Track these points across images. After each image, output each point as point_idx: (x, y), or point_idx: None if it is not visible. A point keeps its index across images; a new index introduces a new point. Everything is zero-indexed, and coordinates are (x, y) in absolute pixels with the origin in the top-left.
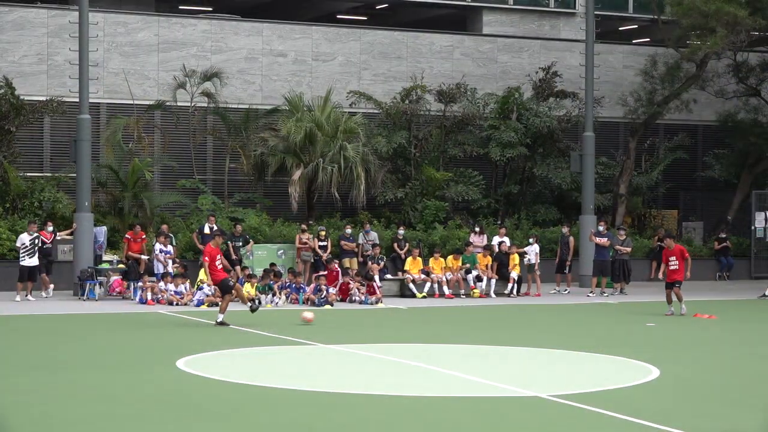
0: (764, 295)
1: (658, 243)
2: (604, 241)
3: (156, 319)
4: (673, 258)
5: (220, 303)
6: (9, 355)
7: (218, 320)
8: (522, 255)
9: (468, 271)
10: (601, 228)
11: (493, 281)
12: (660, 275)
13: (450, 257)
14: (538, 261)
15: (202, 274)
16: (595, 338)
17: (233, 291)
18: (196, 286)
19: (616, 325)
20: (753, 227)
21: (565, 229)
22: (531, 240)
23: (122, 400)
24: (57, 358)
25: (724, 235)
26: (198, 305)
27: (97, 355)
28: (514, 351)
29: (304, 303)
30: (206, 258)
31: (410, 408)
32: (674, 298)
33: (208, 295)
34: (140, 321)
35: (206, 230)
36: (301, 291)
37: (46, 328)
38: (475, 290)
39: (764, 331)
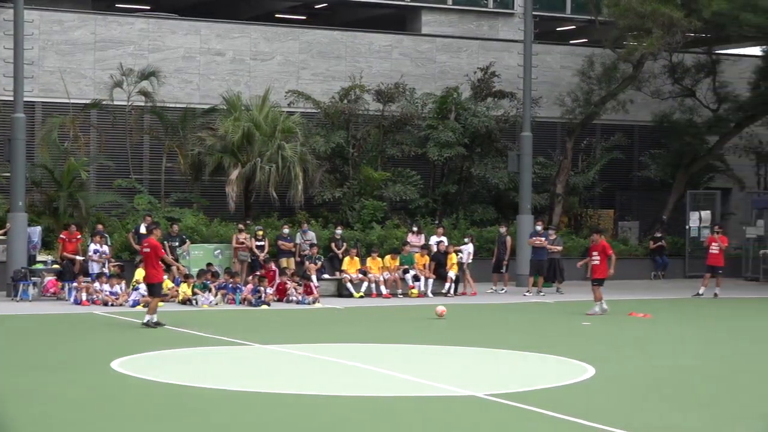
0: (698, 294)
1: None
2: (541, 241)
3: (91, 320)
4: (596, 253)
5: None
6: None
7: (145, 321)
8: (457, 254)
9: (406, 271)
10: (538, 228)
11: (431, 281)
12: (579, 265)
13: (387, 257)
14: (470, 261)
15: (138, 275)
16: (531, 337)
17: (154, 299)
18: (131, 287)
19: (553, 325)
20: (687, 227)
21: (502, 229)
22: (466, 239)
23: (56, 402)
24: None
25: (659, 235)
26: (133, 306)
27: (30, 356)
28: (452, 350)
29: (241, 303)
30: (146, 249)
31: (344, 408)
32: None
33: (143, 296)
34: (75, 322)
35: (142, 230)
36: (238, 291)
37: None
38: (413, 290)
39: (698, 330)
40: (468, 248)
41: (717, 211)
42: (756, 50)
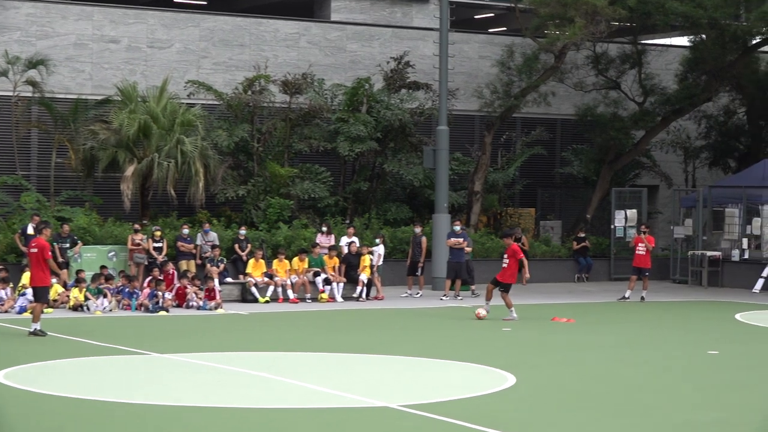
0: (624, 298)
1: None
2: (458, 241)
3: None
4: (506, 257)
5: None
6: None
7: (32, 329)
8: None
9: (317, 274)
10: (456, 228)
11: (341, 285)
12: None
13: (295, 259)
14: (380, 263)
15: (24, 279)
16: (448, 344)
17: (39, 305)
18: (17, 292)
19: (470, 330)
20: (612, 226)
21: (417, 229)
22: (377, 240)
23: None
24: None
25: (582, 235)
26: (20, 312)
27: None
28: (363, 358)
29: (137, 309)
30: (34, 249)
31: (249, 421)
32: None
33: (31, 302)
34: None
35: (30, 231)
36: (134, 296)
37: None
38: (323, 294)
39: (623, 335)
40: (378, 249)
41: (643, 210)
42: (683, 40)
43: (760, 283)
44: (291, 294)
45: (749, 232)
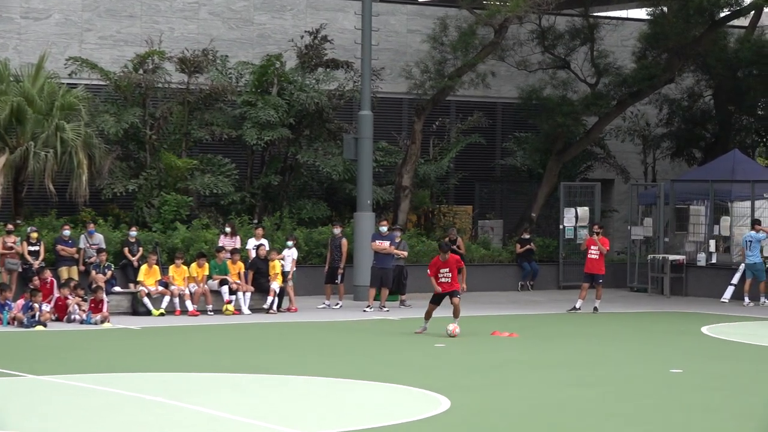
0: (574, 309)
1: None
2: (384, 245)
3: None
4: (446, 270)
5: None
6: None
7: None
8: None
9: (224, 282)
10: (382, 228)
11: (249, 294)
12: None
13: (193, 265)
14: (293, 269)
15: None
16: (372, 363)
17: None
18: None
19: (399, 347)
20: (561, 226)
21: (336, 230)
22: (289, 243)
23: None
24: None
25: (527, 236)
26: None
27: None
28: (275, 380)
29: (9, 324)
30: None
31: None
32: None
33: None
34: None
35: None
36: (6, 308)
37: None
38: (228, 305)
39: (573, 352)
40: (291, 254)
41: (596, 208)
42: (641, 13)
43: (729, 291)
44: (190, 305)
45: (717, 233)
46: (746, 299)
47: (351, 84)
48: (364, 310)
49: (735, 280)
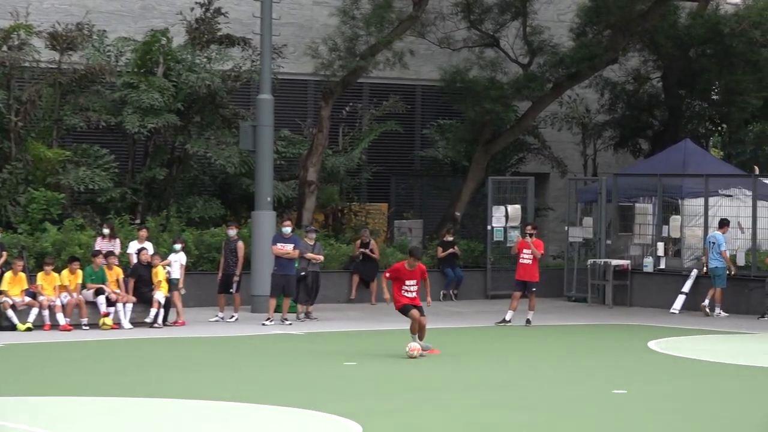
0: (504, 321)
1: (362, 251)
2: (288, 249)
3: None
4: (413, 282)
5: None
6: None
7: None
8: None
9: (100, 292)
10: (285, 229)
11: (129, 306)
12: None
13: (65, 271)
14: (183, 276)
15: None
16: (273, 384)
17: None
18: None
19: (304, 366)
20: (489, 227)
21: (231, 231)
22: (177, 246)
23: None
24: None
25: (450, 239)
26: None
27: None
28: (159, 404)
29: None
30: None
31: None
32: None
33: None
34: None
35: None
36: None
37: None
38: (105, 319)
39: (502, 371)
40: (179, 259)
41: (529, 206)
42: None
43: (680, 300)
44: (62, 318)
45: (666, 235)
46: (716, 309)
47: (248, 63)
48: (264, 324)
49: (686, 288)
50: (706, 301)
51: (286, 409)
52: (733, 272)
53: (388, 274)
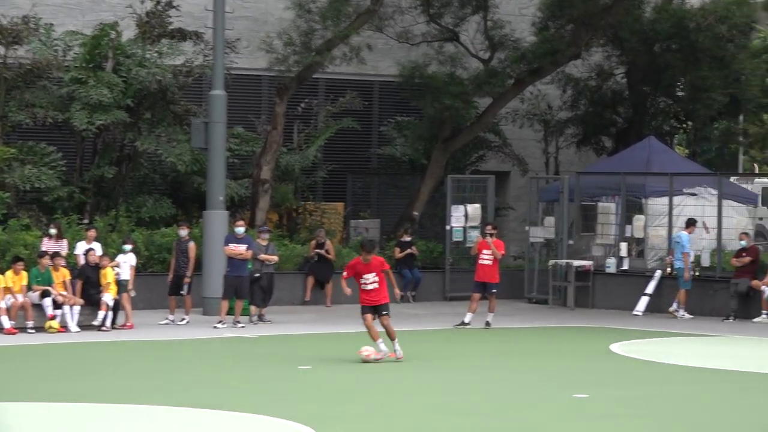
0: (463, 324)
1: (317, 251)
2: (241, 249)
3: None
4: (371, 275)
5: None
6: None
7: None
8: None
9: (46, 294)
10: (239, 229)
11: (77, 308)
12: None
13: (8, 272)
14: (134, 277)
15: None
16: (226, 388)
17: None
18: None
19: (258, 370)
20: (448, 227)
21: (182, 231)
22: (126, 247)
23: None
24: None
25: (408, 239)
26: None
27: None
28: (107, 410)
29: None
30: None
31: None
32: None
33: None
34: None
35: None
36: None
37: None
38: (52, 322)
39: (461, 375)
40: (128, 259)
41: (490, 205)
42: None
43: (643, 302)
44: (6, 322)
45: (629, 235)
46: (680, 311)
47: (201, 58)
48: (215, 326)
49: (650, 289)
50: (674, 306)
51: (238, 414)
52: (687, 276)
53: (345, 273)
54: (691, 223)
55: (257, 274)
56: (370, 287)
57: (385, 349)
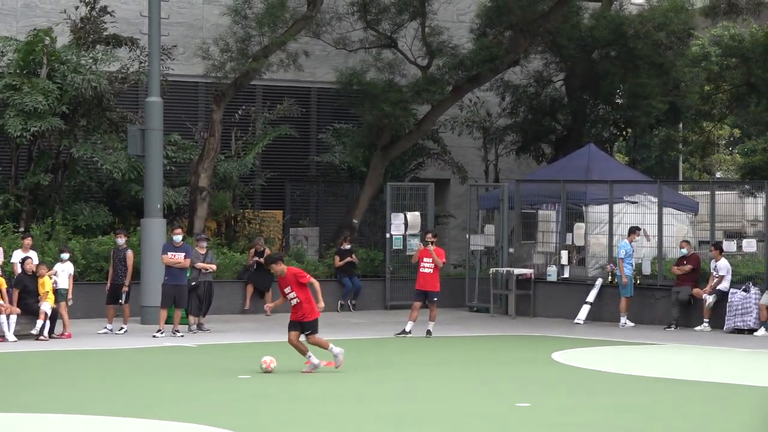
0: (404, 332)
1: (255, 259)
2: (179, 258)
3: None
4: (288, 290)
5: None
6: None
7: None
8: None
9: None
10: (176, 237)
11: (14, 317)
12: (269, 311)
13: None
14: (72, 286)
15: None
16: (165, 398)
17: None
18: None
19: (195, 379)
20: (388, 235)
21: (120, 240)
22: (64, 255)
23: None
24: None
25: (347, 247)
26: None
27: None
28: (43, 420)
29: None
30: None
31: None
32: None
33: None
34: None
35: None
36: None
37: None
38: None
39: (400, 384)
40: (67, 268)
41: (429, 213)
42: None
43: (584, 310)
44: None
45: (570, 242)
46: (622, 319)
47: (136, 65)
48: (154, 336)
49: (591, 297)
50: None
51: (177, 424)
52: (625, 281)
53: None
54: (632, 231)
55: (193, 282)
56: (293, 302)
57: (317, 361)
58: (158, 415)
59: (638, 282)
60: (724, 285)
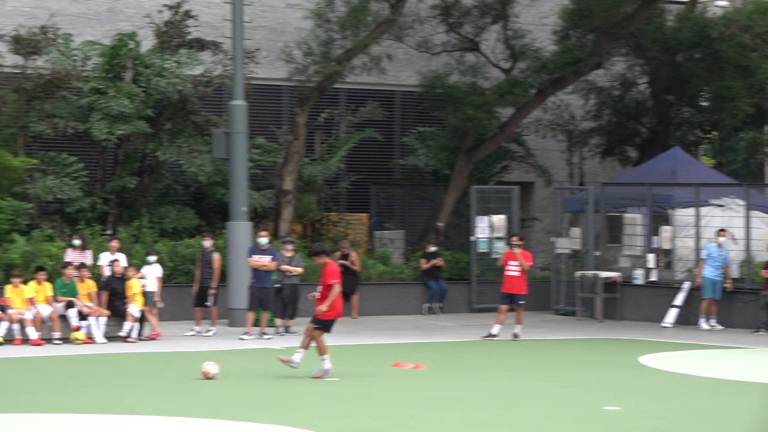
0: (491, 335)
1: (341, 262)
2: (265, 261)
3: None
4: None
5: None
6: None
7: None
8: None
9: (70, 305)
10: (262, 240)
11: (103, 320)
12: (310, 296)
13: (32, 283)
14: (161, 288)
15: None
16: (253, 400)
17: None
18: None
19: (285, 381)
20: (473, 238)
21: (206, 242)
22: (151, 258)
23: None
24: None
25: (433, 249)
26: None
27: None
28: (133, 422)
29: None
30: None
31: None
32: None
33: None
34: None
35: None
36: None
37: None
38: (77, 333)
39: (487, 387)
40: (154, 271)
41: (514, 216)
42: None
43: (672, 314)
44: (33, 333)
45: (656, 246)
46: (705, 321)
47: (220, 68)
48: (241, 338)
49: (679, 301)
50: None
51: (269, 427)
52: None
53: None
54: (719, 233)
55: (278, 285)
56: (316, 296)
57: (329, 366)
58: (249, 418)
59: (727, 286)
60: None
